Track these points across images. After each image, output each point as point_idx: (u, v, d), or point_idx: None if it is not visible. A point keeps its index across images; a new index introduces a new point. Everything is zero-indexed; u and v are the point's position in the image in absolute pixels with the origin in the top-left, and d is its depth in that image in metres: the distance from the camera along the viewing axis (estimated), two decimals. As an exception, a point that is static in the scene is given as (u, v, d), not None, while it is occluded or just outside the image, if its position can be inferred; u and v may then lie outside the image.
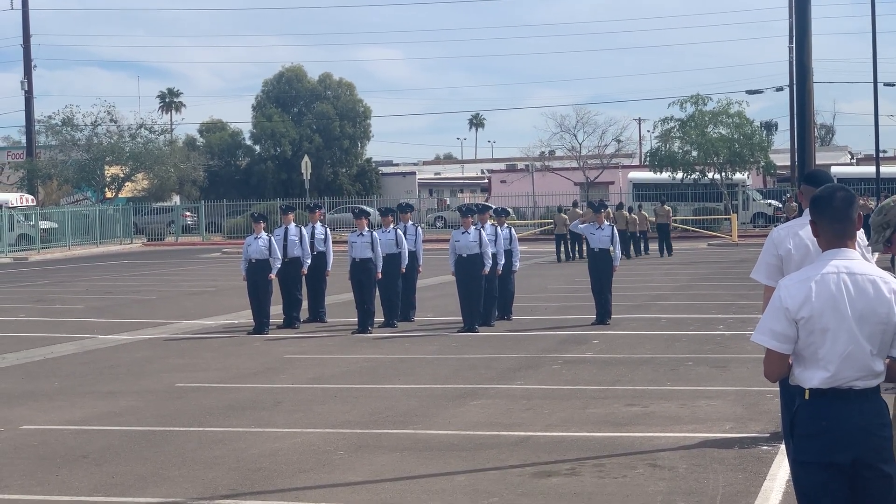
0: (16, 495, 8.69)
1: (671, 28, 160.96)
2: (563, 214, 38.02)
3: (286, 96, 76.82)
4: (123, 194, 66.07)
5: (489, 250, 18.32)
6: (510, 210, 64.41)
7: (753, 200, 58.63)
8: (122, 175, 64.90)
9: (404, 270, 19.21)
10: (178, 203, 68.88)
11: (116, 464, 9.64)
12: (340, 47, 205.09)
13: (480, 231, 18.38)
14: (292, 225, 19.64)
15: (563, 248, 37.57)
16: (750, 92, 59.86)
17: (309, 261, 19.62)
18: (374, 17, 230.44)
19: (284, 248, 19.30)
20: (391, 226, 19.35)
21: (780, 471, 8.71)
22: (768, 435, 10.01)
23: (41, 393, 13.43)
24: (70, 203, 63.20)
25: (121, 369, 15.22)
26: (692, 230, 48.86)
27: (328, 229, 20.67)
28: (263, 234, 18.82)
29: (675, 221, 43.78)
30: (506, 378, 13.60)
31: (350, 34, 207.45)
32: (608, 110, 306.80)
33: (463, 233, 18.39)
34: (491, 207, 20.44)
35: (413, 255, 19.77)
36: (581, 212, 35.36)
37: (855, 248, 5.15)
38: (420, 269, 20.43)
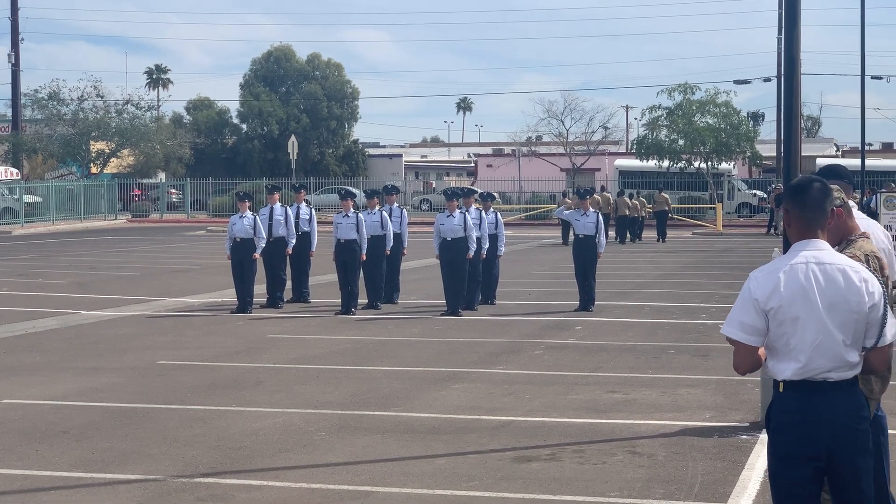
0: (-5, 469, 8.68)
1: (661, 16, 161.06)
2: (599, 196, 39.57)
3: (274, 75, 76.60)
4: (109, 170, 65.87)
5: (474, 234, 18.32)
6: (496, 194, 64.45)
7: (739, 190, 58.74)
8: (108, 151, 64.68)
9: (389, 252, 19.23)
10: (164, 180, 68.67)
11: (97, 440, 9.64)
12: (329, 28, 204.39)
13: (465, 215, 18.39)
14: (278, 205, 19.64)
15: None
16: (738, 82, 59.97)
17: (294, 241, 19.62)
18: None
19: (270, 227, 19.29)
20: (376, 208, 19.34)
21: (759, 460, 8.76)
22: (748, 424, 10.06)
23: (22, 367, 13.40)
24: (55, 178, 62.94)
25: (103, 345, 15.20)
26: (677, 218, 48.88)
27: (313, 210, 20.66)
28: (248, 214, 18.78)
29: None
30: (488, 362, 13.62)
31: (339, 15, 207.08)
32: (596, 97, 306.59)
33: (448, 216, 18.39)
34: (476, 192, 20.44)
35: (398, 238, 19.78)
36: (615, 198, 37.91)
37: (825, 240, 5.15)
38: (405, 251, 20.45)
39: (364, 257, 18.56)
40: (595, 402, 11.20)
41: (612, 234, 41.34)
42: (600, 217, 19.03)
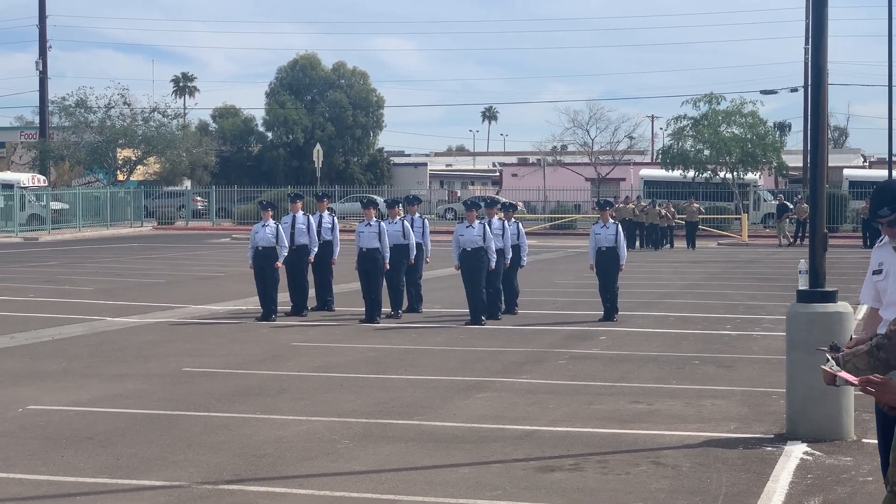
0: (21, 475, 8.73)
1: (687, 26, 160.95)
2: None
3: (300, 84, 76.76)
4: (135, 177, 66.20)
5: (493, 245, 18.27)
6: (519, 204, 64.38)
7: (764, 201, 58.49)
8: (134, 158, 65.00)
9: (412, 261, 19.23)
10: (189, 188, 68.98)
11: (122, 446, 9.68)
12: (355, 36, 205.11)
13: (485, 225, 18.34)
14: (300, 213, 19.69)
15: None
16: (764, 92, 59.69)
17: (315, 249, 19.62)
18: (389, 7, 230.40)
19: (292, 236, 19.33)
20: (398, 217, 19.34)
21: (784, 472, 8.72)
22: (773, 436, 10.01)
23: (48, 374, 13.48)
24: (81, 185, 63.30)
25: (128, 352, 15.27)
26: (703, 229, 48.72)
27: (335, 218, 20.67)
28: (271, 222, 18.84)
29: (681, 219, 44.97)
30: (512, 372, 13.61)
31: (364, 23, 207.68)
32: (621, 107, 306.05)
33: (467, 227, 18.32)
34: (498, 202, 20.39)
35: (419, 248, 19.76)
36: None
37: None
38: (427, 260, 20.45)
39: (387, 266, 18.57)
40: (619, 412, 11.17)
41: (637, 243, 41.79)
42: (620, 228, 18.93)
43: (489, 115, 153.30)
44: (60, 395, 12.04)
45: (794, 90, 60.42)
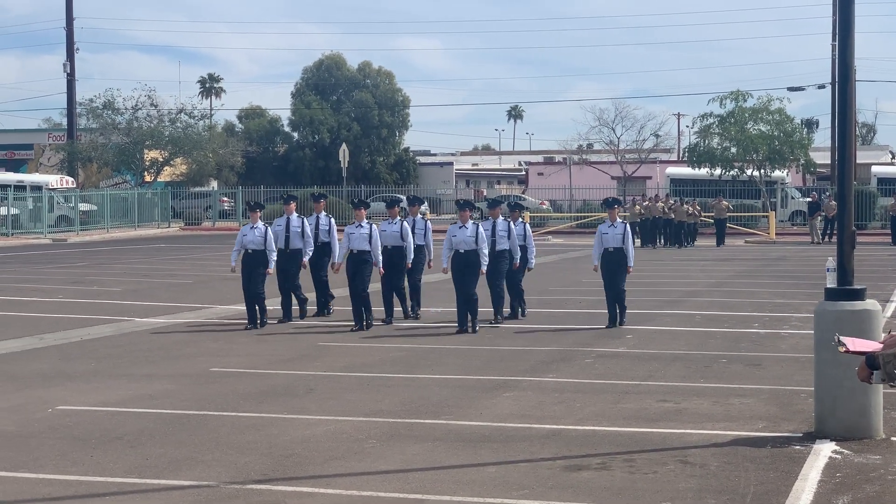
0: (51, 475, 8.79)
1: (713, 23, 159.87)
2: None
3: (325, 84, 76.93)
4: (162, 178, 66.51)
5: (485, 247, 17.39)
6: (544, 203, 64.30)
7: (792, 198, 58.21)
8: (161, 159, 65.32)
9: (409, 265, 18.45)
10: (216, 188, 69.23)
11: (150, 446, 9.73)
12: (380, 36, 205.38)
13: (478, 226, 17.45)
14: (294, 215, 18.93)
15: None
16: (791, 89, 59.55)
17: (311, 251, 18.89)
18: (414, 7, 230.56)
19: (287, 239, 18.68)
20: (397, 218, 18.53)
21: (812, 471, 8.69)
22: (801, 434, 9.97)
23: (77, 374, 13.56)
24: (109, 186, 63.66)
25: (156, 352, 15.34)
26: (730, 226, 48.58)
27: (332, 219, 19.76)
28: (260, 224, 18.06)
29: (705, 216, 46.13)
30: (538, 371, 13.60)
31: (390, 23, 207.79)
32: (647, 105, 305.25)
33: (460, 227, 17.36)
34: (501, 202, 19.50)
35: (420, 250, 19.01)
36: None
37: None
38: (430, 264, 19.64)
39: (382, 270, 17.98)
40: (646, 410, 11.15)
41: (646, 241, 41.79)
42: (628, 227, 17.94)
43: (515, 113, 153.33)
44: (89, 396, 12.11)
45: (822, 87, 60.09)
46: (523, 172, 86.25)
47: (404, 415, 10.98)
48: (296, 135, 78.01)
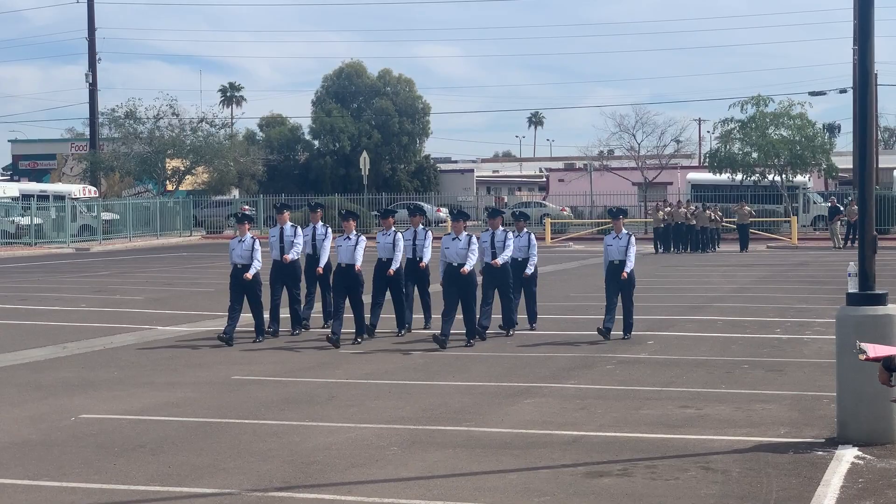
0: (74, 483, 8.84)
1: (733, 28, 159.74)
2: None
3: (346, 92, 77.04)
4: (184, 187, 66.77)
5: (474, 256, 16.72)
6: (565, 209, 64.23)
7: (814, 203, 57.99)
8: (183, 168, 65.58)
9: (392, 273, 17.62)
10: (238, 197, 69.43)
11: (173, 454, 9.77)
12: (400, 44, 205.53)
13: (471, 237, 16.90)
14: (287, 224, 18.70)
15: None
16: (813, 93, 59.17)
17: (296, 259, 18.54)
18: (434, 14, 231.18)
19: (281, 249, 18.54)
20: (391, 228, 18.06)
21: (835, 476, 8.66)
22: (823, 440, 9.94)
23: (100, 382, 13.63)
24: (131, 195, 63.96)
25: (178, 361, 15.41)
26: (752, 232, 48.48)
27: (328, 229, 19.25)
28: (248, 237, 17.80)
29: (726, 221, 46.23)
30: (559, 377, 13.60)
31: (409, 31, 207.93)
32: (668, 110, 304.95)
33: (453, 239, 16.81)
34: (502, 212, 18.68)
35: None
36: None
37: None
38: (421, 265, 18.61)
39: (391, 272, 17.47)
40: (667, 417, 11.13)
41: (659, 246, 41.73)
42: (632, 239, 17.25)
43: (535, 120, 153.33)
44: (112, 404, 12.17)
45: (843, 91, 59.88)
46: (544, 179, 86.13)
47: (425, 422, 11.00)
48: (316, 143, 78.12)
